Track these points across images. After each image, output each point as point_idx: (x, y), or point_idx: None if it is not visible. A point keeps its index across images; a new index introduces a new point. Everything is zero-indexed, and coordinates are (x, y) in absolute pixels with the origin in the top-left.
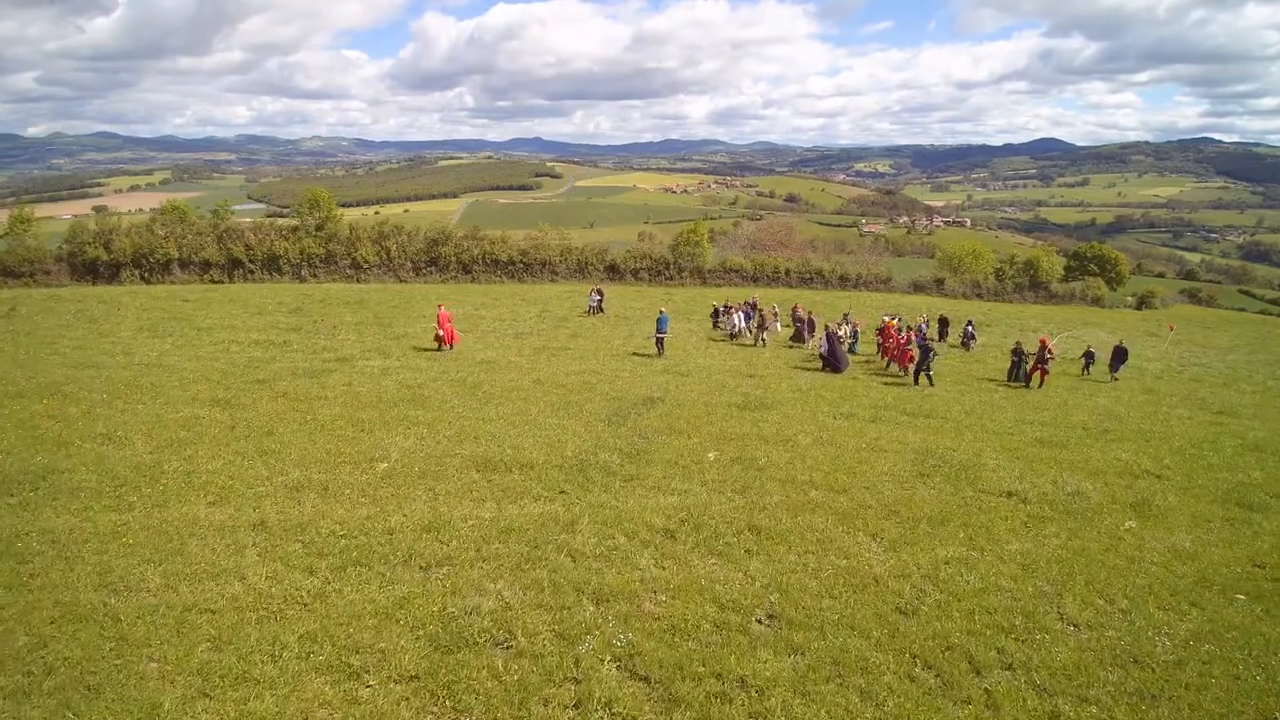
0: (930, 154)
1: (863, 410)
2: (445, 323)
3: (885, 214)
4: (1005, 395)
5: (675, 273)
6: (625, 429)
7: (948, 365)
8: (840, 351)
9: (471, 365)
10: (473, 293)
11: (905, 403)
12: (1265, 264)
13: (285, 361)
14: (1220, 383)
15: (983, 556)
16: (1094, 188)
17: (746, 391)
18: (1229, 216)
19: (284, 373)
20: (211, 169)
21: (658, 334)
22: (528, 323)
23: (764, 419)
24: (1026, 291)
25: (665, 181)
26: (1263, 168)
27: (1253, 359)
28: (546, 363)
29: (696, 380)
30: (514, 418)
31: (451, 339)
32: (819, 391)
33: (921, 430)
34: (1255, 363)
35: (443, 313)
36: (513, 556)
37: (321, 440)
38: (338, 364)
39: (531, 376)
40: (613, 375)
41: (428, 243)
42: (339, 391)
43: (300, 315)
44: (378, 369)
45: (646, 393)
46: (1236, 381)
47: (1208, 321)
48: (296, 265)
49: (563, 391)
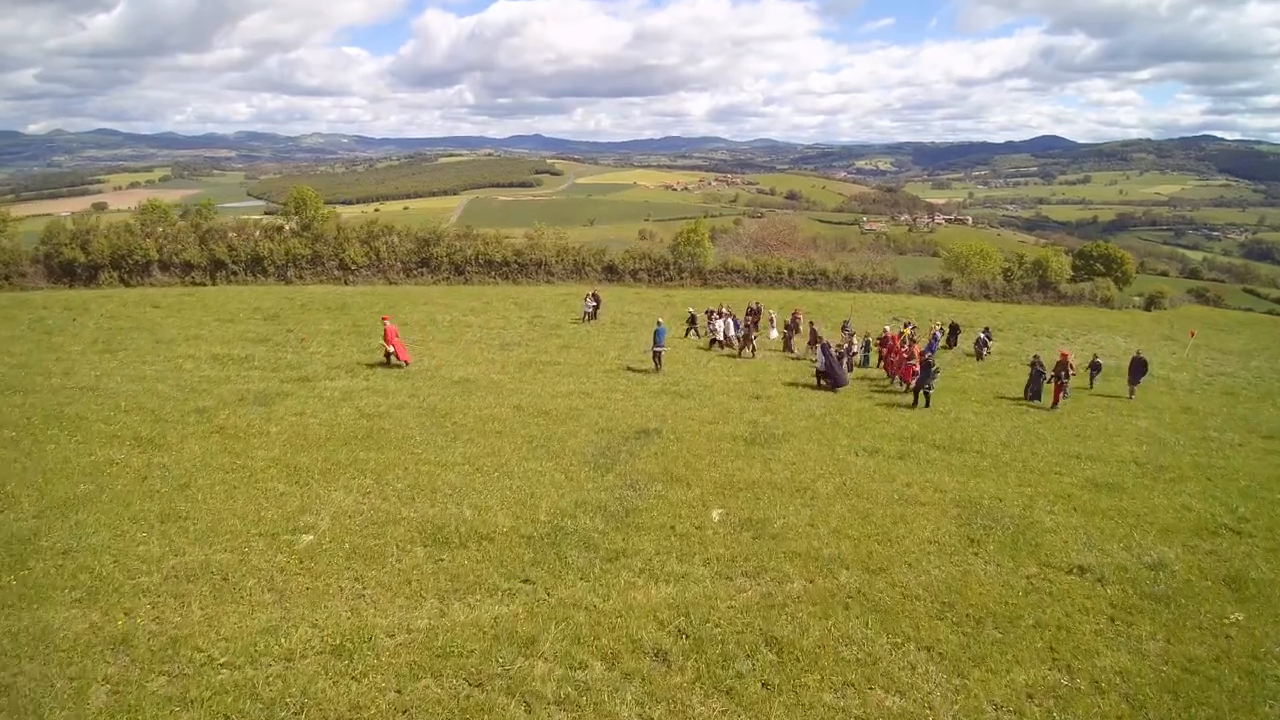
0: (931, 151)
1: (886, 443)
2: (392, 338)
3: (886, 212)
4: (1039, 419)
5: (675, 274)
6: (614, 475)
7: (968, 379)
8: (838, 366)
9: (446, 385)
10: (464, 296)
11: (932, 431)
12: (1268, 262)
13: (239, 382)
14: (1256, 396)
15: (1073, 681)
16: (1095, 185)
17: (754, 419)
18: (1231, 215)
19: (231, 398)
20: (212, 166)
21: (655, 347)
22: (517, 330)
23: (775, 457)
24: (1035, 292)
25: (666, 179)
26: (1265, 166)
27: (1277, 366)
28: (532, 381)
29: (697, 403)
30: (483, 461)
31: (404, 354)
32: (835, 418)
33: (958, 470)
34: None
35: (389, 326)
36: (444, 708)
37: (243, 498)
38: (296, 385)
39: (513, 400)
40: (604, 397)
41: (419, 243)
42: (286, 425)
43: (274, 323)
44: (339, 392)
45: (641, 422)
46: (1272, 395)
47: (1219, 323)
48: (281, 267)
49: (545, 421)
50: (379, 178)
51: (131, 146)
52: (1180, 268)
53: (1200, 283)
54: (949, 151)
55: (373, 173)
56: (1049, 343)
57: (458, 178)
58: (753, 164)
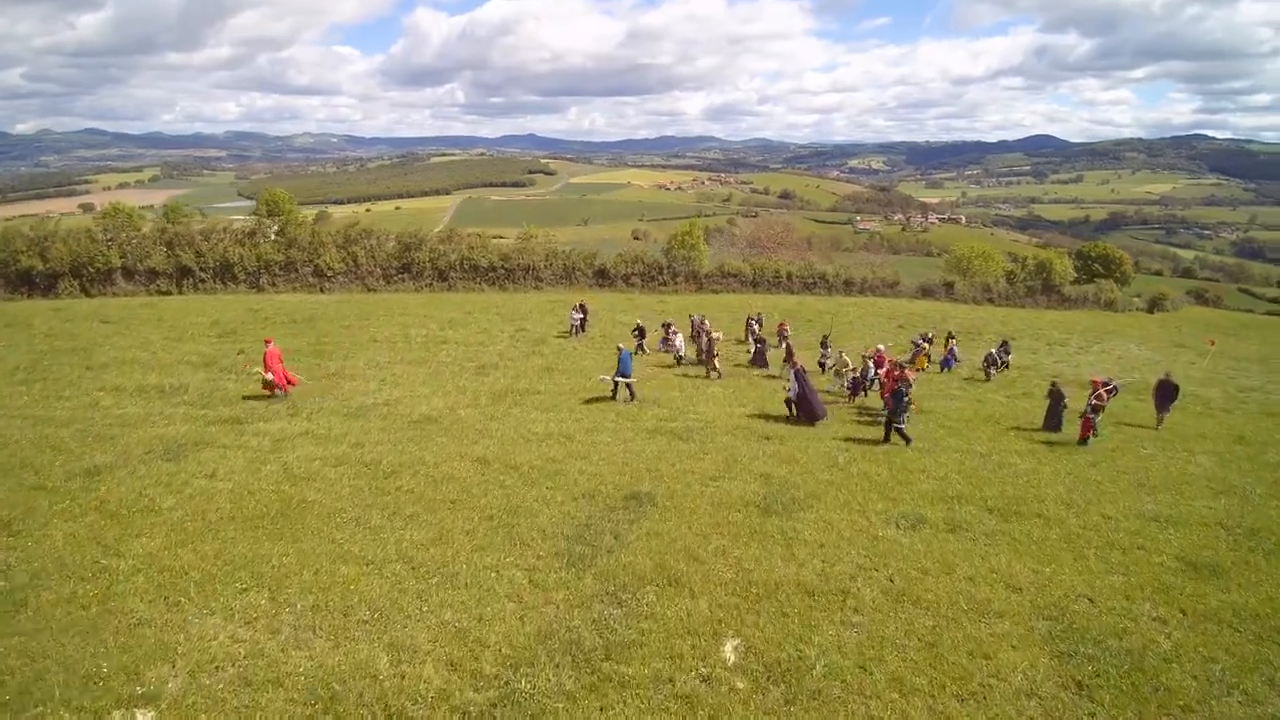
0: (924, 150)
1: (929, 506)
2: (274, 363)
3: (880, 211)
4: (1091, 461)
5: (669, 278)
6: (592, 575)
7: (994, 403)
8: (814, 395)
9: (403, 427)
10: (445, 305)
11: (979, 485)
12: (1259, 261)
13: (157, 425)
14: None
15: None
16: (1088, 184)
17: (766, 471)
18: (1222, 213)
19: (137, 451)
20: (201, 166)
21: (616, 376)
22: (497, 347)
23: (798, 534)
24: (1039, 295)
25: (660, 178)
26: (1255, 164)
27: None
28: (505, 417)
29: (698, 447)
30: (423, 555)
31: (284, 382)
32: (861, 466)
33: (1025, 549)
34: None
35: (271, 349)
36: None
37: (80, 635)
38: (223, 429)
39: (478, 448)
40: (587, 441)
41: (399, 248)
42: (187, 495)
43: (228, 341)
44: (271, 439)
45: (631, 480)
46: None
47: (1224, 325)
48: (253, 273)
49: (513, 481)
50: (370, 177)
51: (120, 146)
52: (1173, 267)
53: (1199, 283)
54: (942, 151)
55: (364, 172)
56: (1061, 352)
57: (450, 177)
58: (746, 163)
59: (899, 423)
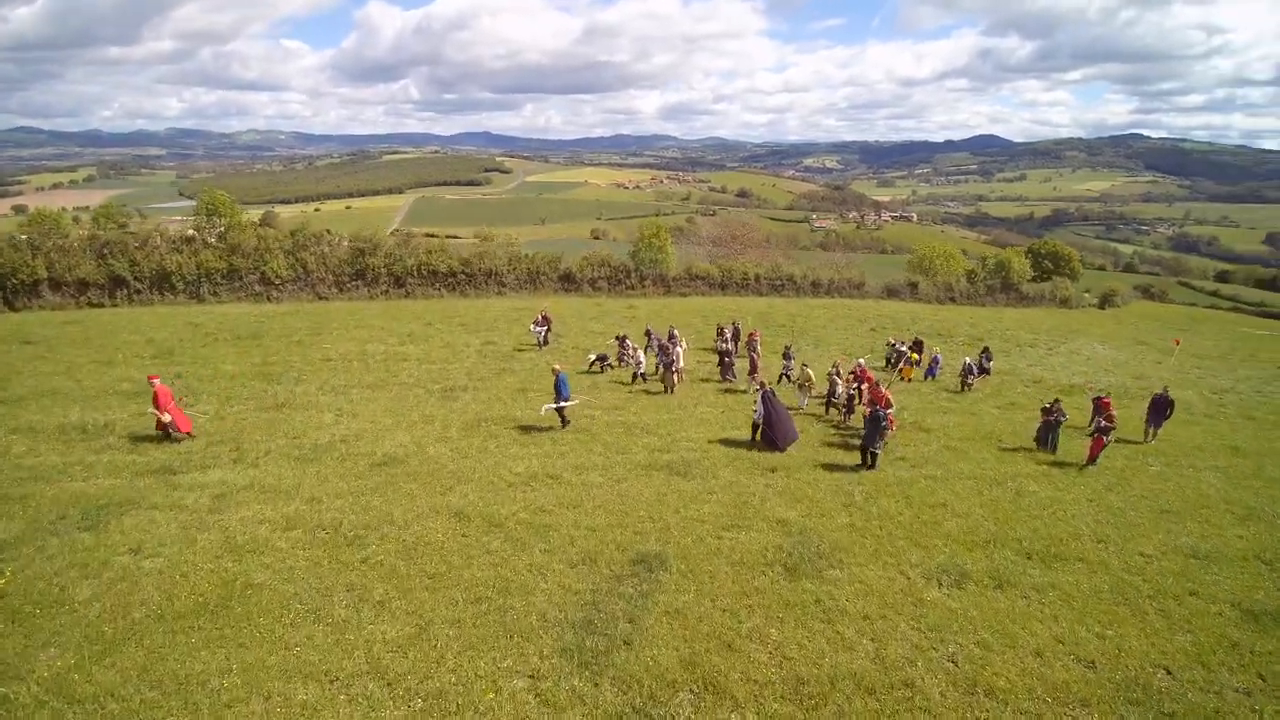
0: (876, 150)
1: (966, 555)
2: (165, 402)
3: (835, 209)
4: (1106, 484)
5: (637, 281)
6: (608, 682)
7: (986, 414)
8: (784, 420)
9: (364, 472)
10: (404, 316)
11: (1006, 522)
12: (1195, 254)
13: (75, 477)
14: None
15: None
16: (1031, 182)
17: (781, 515)
18: (1158, 209)
19: (49, 517)
20: (140, 165)
21: (558, 403)
22: (464, 364)
23: (835, 602)
24: (999, 294)
25: (617, 177)
26: (1189, 162)
27: (1263, 374)
28: (480, 455)
29: (701, 485)
30: (398, 666)
31: (180, 424)
32: (880, 504)
33: (1081, 609)
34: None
35: (159, 388)
36: None
37: None
38: (153, 482)
39: (453, 500)
40: (577, 483)
41: (352, 253)
42: (107, 580)
43: (165, 362)
44: (210, 495)
45: (634, 536)
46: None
47: (1174, 320)
48: (192, 283)
49: (499, 543)
50: (319, 176)
51: (55, 145)
52: (1114, 262)
53: (1145, 278)
54: (893, 150)
55: (313, 171)
56: (1032, 354)
57: (403, 176)
58: (703, 162)
59: (875, 448)
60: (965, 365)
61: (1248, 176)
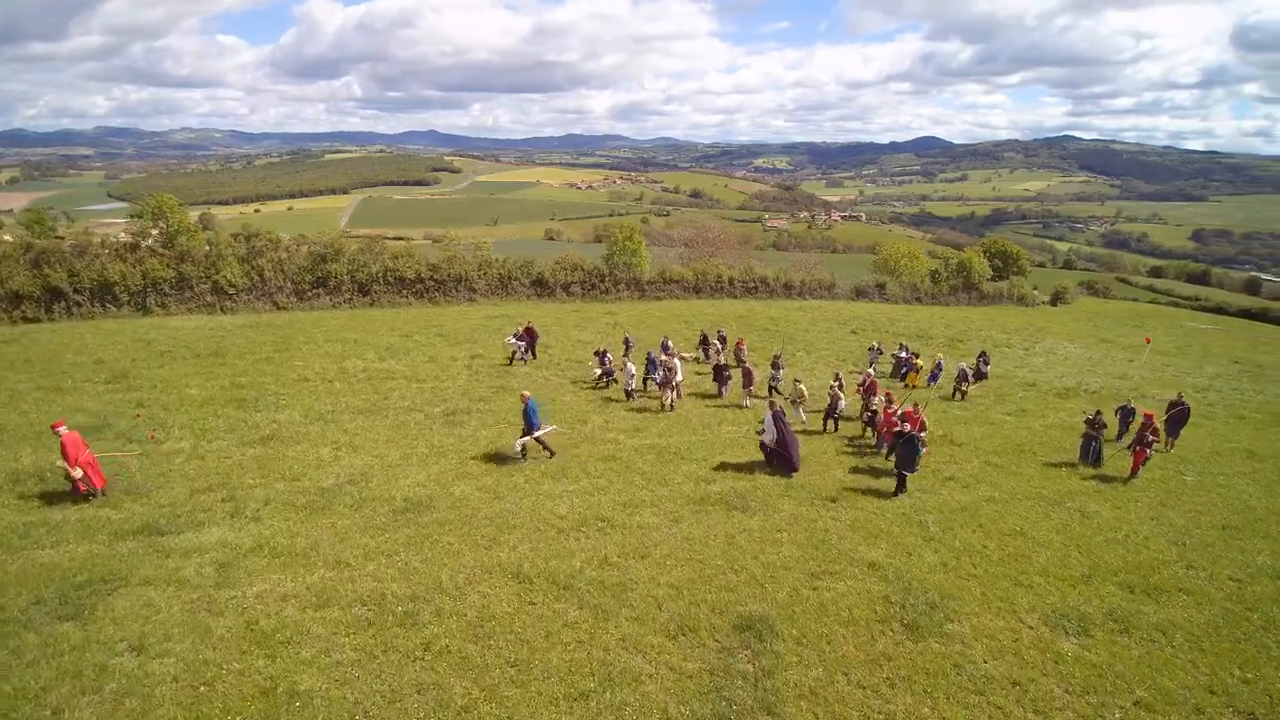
0: (824, 151)
1: (1073, 594)
2: (76, 454)
3: (786, 209)
4: (1158, 499)
5: (611, 285)
6: None
7: (1003, 423)
8: (794, 441)
9: (387, 521)
10: (376, 326)
11: (1090, 551)
12: (1126, 250)
13: (41, 548)
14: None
15: None
16: (972, 183)
17: (869, 558)
18: (1091, 208)
19: (18, 599)
20: (67, 165)
21: (527, 435)
22: (457, 382)
23: (976, 666)
24: (961, 293)
25: (570, 177)
26: (1120, 163)
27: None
28: (512, 495)
29: (766, 522)
30: None
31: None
32: (961, 537)
33: (1211, 650)
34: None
35: (66, 436)
36: None
37: None
38: (137, 547)
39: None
40: (632, 526)
41: (313, 259)
42: (109, 694)
43: (123, 386)
44: (211, 562)
45: (727, 596)
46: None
47: (1123, 316)
48: (138, 294)
49: (577, 614)
50: (259, 176)
51: None
52: (1052, 259)
53: (1087, 275)
54: (840, 151)
55: (251, 170)
56: (1011, 354)
57: (347, 175)
58: (655, 162)
59: (911, 469)
60: (960, 371)
61: (1174, 176)
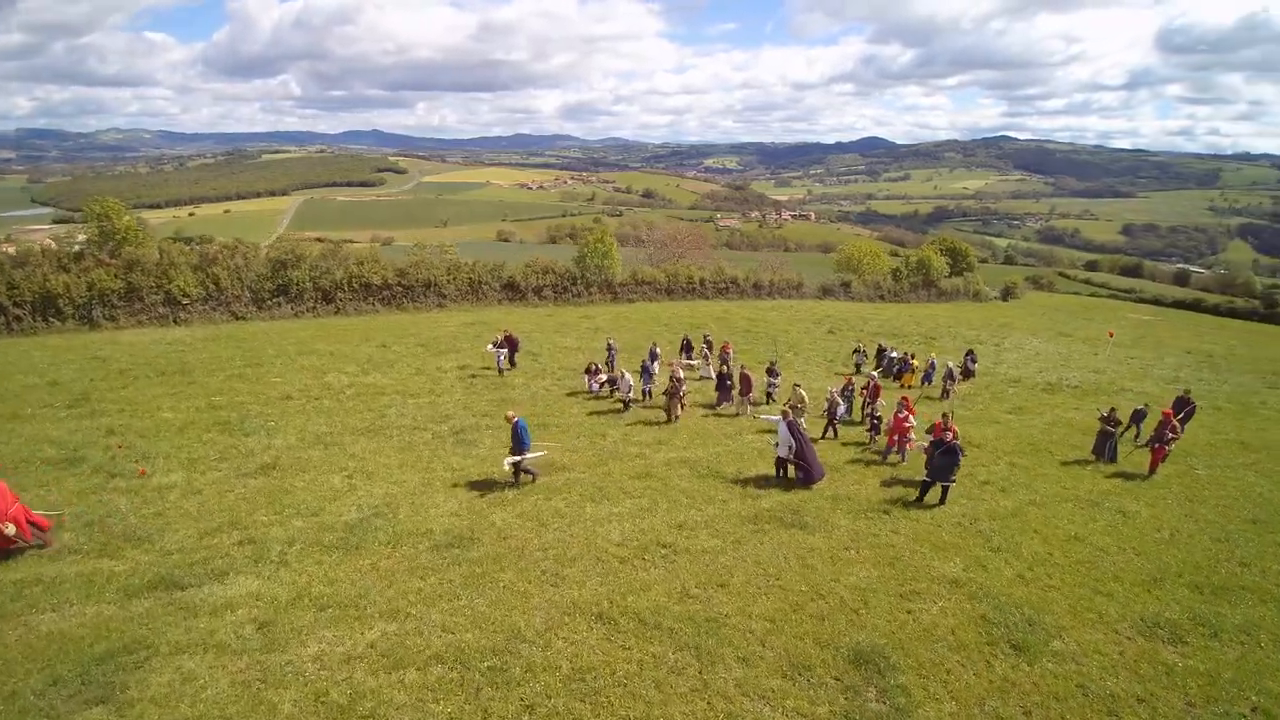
0: (772, 151)
1: (1150, 601)
2: (5, 506)
3: (737, 209)
4: (1184, 494)
5: (584, 288)
6: None
7: (1008, 422)
8: (812, 451)
9: (431, 560)
10: (347, 336)
11: (1149, 553)
12: (1061, 245)
13: (40, 611)
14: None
15: None
16: (915, 182)
17: (949, 574)
18: (1027, 205)
19: (30, 679)
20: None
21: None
22: (453, 395)
23: (1098, 685)
24: (920, 290)
25: (520, 177)
26: (1053, 162)
27: (1184, 360)
28: (559, 522)
29: (829, 539)
30: None
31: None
32: (1024, 546)
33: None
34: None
35: None
36: None
37: None
38: (157, 608)
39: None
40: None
41: (272, 266)
42: None
43: (85, 410)
44: (250, 621)
45: (827, 628)
46: (1250, 405)
47: (1071, 309)
48: (83, 306)
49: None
50: (192, 177)
51: None
52: (992, 254)
53: (1028, 269)
54: (788, 151)
55: (184, 172)
56: (983, 351)
57: (287, 176)
58: (606, 162)
59: (951, 480)
60: (947, 370)
61: (1104, 174)
